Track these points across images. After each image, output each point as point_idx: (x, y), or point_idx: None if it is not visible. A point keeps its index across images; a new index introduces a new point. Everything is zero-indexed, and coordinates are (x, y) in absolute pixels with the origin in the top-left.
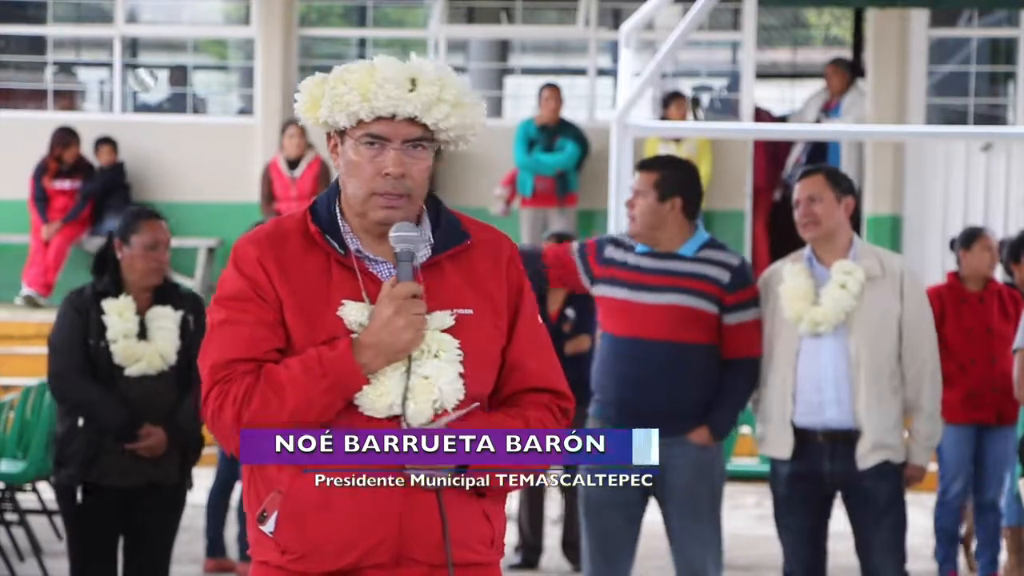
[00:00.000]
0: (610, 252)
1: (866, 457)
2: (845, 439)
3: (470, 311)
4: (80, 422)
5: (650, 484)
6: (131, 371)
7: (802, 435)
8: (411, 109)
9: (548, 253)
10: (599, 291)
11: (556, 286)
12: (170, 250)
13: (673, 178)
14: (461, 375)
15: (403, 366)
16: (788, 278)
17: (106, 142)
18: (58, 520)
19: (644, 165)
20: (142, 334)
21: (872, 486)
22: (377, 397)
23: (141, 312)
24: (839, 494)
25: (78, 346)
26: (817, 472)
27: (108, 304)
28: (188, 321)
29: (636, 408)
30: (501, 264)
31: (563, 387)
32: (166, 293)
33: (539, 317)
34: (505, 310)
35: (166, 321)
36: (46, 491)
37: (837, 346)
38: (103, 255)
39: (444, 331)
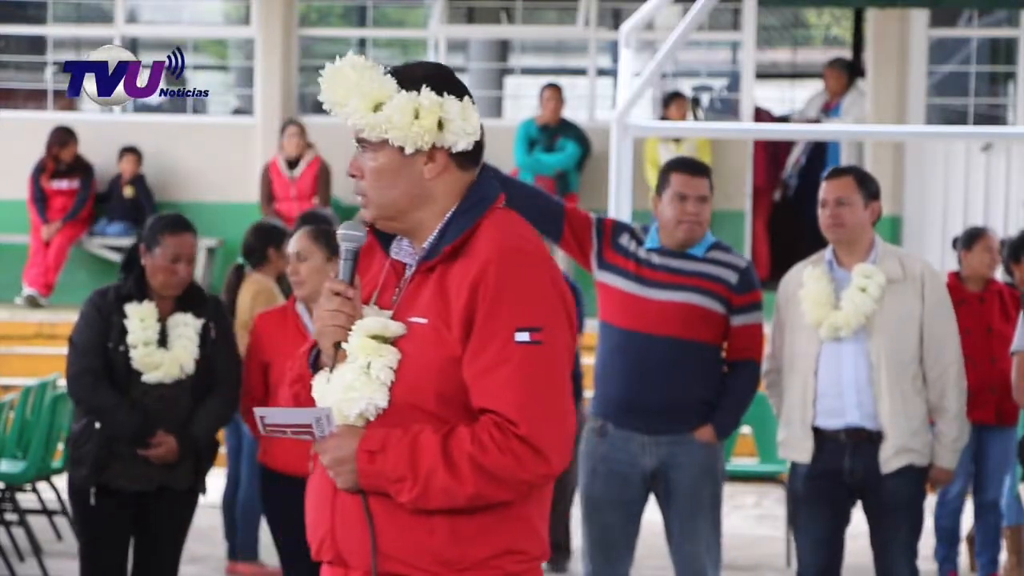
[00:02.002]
0: (624, 241)
1: (890, 461)
2: (868, 438)
3: (424, 320)
4: (96, 424)
5: (652, 482)
6: (148, 378)
7: (823, 435)
8: (336, 114)
9: (571, 211)
10: (603, 278)
11: (562, 246)
12: (194, 261)
13: (710, 183)
14: (386, 385)
15: (336, 367)
16: (809, 282)
17: (130, 151)
18: (58, 520)
19: (703, 170)
20: (162, 341)
21: (893, 488)
22: (316, 393)
23: (163, 318)
24: (858, 497)
25: (97, 348)
26: (837, 469)
27: (131, 309)
28: (209, 328)
29: (638, 405)
30: (469, 275)
31: (505, 408)
32: (190, 299)
33: (512, 334)
34: (456, 322)
35: (186, 329)
36: (46, 491)
37: (858, 350)
38: (130, 257)
39: (396, 340)
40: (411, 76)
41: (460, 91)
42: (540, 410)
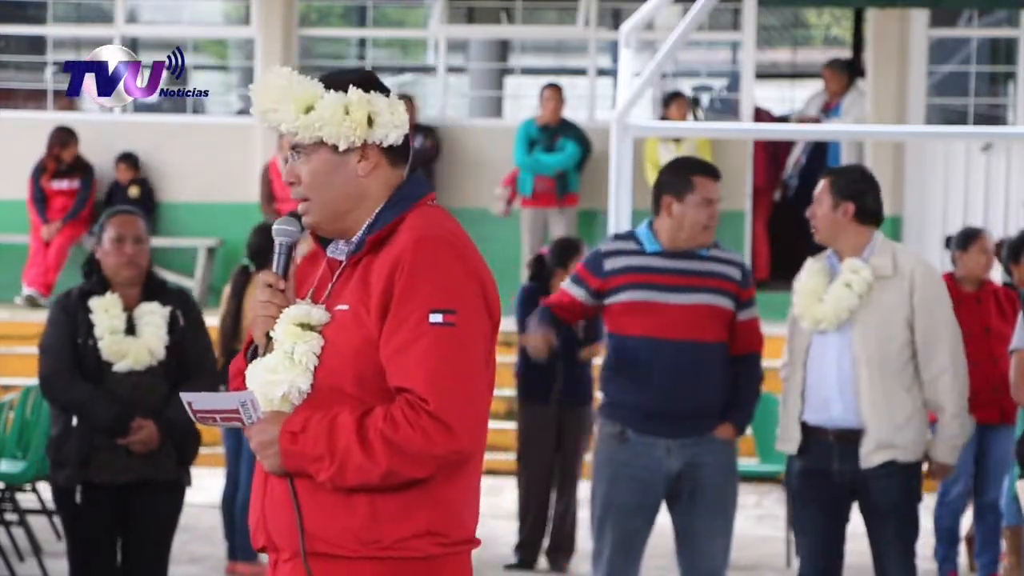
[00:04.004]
0: (610, 264)
1: (870, 456)
2: (854, 439)
3: (346, 307)
4: (74, 422)
5: (676, 484)
6: (119, 367)
7: (813, 432)
8: (265, 120)
9: (553, 303)
10: (612, 300)
11: (575, 322)
12: (145, 244)
13: None
14: (309, 369)
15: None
16: (805, 275)
17: (126, 159)
18: (58, 520)
19: (719, 173)
20: (131, 330)
21: (878, 486)
22: (248, 382)
23: (129, 309)
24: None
25: (66, 347)
26: (826, 470)
27: (94, 302)
28: (177, 316)
29: (661, 410)
30: (387, 263)
31: (416, 385)
32: (153, 289)
33: (426, 315)
34: (374, 306)
35: (153, 317)
36: (46, 491)
37: (842, 343)
38: (90, 260)
39: (323, 328)
40: (337, 80)
41: (385, 91)
42: (450, 388)
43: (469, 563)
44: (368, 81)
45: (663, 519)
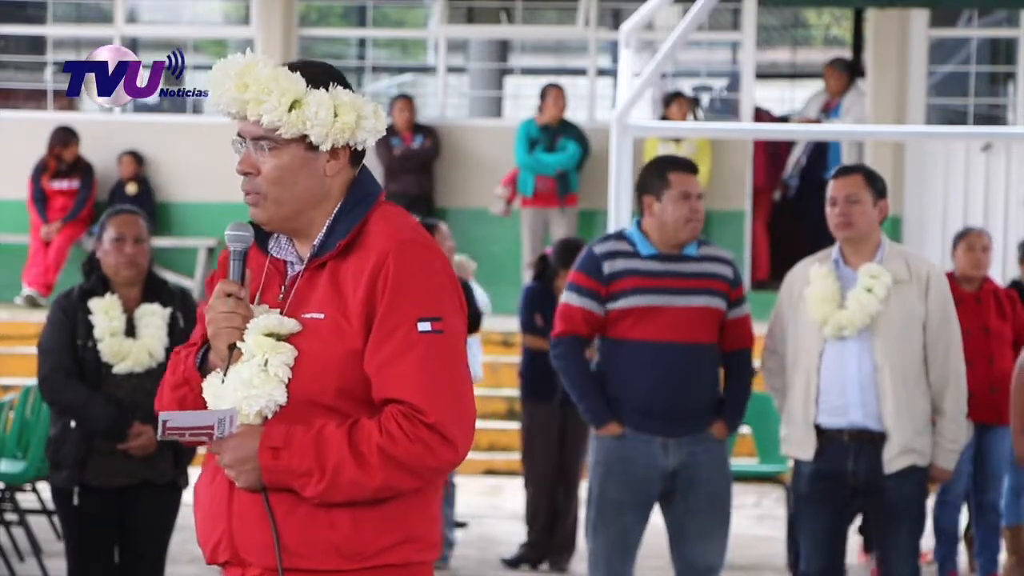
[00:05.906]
0: (609, 267)
1: (893, 461)
2: (870, 440)
3: (321, 315)
4: (72, 423)
5: (670, 482)
6: (118, 369)
7: (826, 434)
8: (242, 108)
9: (571, 329)
10: (617, 304)
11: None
12: (146, 244)
13: None
14: (284, 382)
15: (232, 367)
16: (815, 280)
17: (130, 154)
18: (58, 520)
19: (695, 167)
20: (130, 332)
21: (895, 488)
22: (209, 394)
23: (129, 310)
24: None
25: (66, 348)
26: (840, 471)
27: (94, 303)
28: (177, 318)
29: (659, 410)
30: (366, 269)
31: (412, 397)
32: (154, 290)
33: (415, 324)
34: (355, 315)
35: (154, 318)
36: (46, 491)
37: (862, 349)
38: (91, 260)
39: (291, 337)
40: (314, 74)
41: (349, 86)
42: (446, 398)
43: (432, 572)
44: (342, 79)
45: (657, 518)
